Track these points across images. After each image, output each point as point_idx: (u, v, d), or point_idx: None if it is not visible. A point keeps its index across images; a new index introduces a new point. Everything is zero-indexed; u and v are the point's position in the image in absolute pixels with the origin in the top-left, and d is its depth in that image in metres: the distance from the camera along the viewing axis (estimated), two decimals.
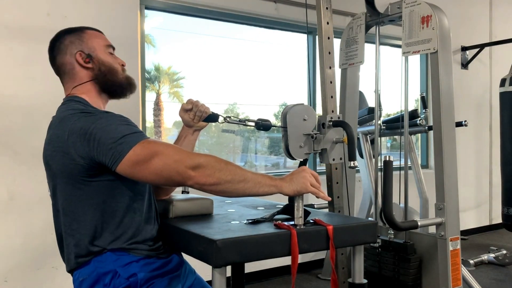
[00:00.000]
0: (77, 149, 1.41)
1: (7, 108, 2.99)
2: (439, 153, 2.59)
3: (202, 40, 4.19)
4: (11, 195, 3.00)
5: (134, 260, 1.50)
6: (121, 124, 1.43)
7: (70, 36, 1.61)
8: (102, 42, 1.65)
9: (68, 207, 1.50)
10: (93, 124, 1.41)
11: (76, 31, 1.63)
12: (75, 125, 1.43)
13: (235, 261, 1.41)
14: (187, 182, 1.40)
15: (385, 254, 2.71)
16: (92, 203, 1.47)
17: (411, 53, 2.66)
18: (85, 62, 1.59)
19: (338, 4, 4.01)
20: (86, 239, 1.48)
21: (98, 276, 1.47)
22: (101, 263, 1.48)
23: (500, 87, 4.82)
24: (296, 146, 1.95)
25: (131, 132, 1.41)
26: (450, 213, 2.58)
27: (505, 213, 4.71)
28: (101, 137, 1.39)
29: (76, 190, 1.47)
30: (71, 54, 1.59)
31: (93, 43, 1.61)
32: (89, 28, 1.66)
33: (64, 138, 1.43)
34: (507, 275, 4.17)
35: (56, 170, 1.48)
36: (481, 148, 5.87)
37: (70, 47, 1.59)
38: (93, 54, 1.60)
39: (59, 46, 1.61)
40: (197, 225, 1.60)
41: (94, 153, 1.39)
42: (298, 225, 1.55)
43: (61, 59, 1.60)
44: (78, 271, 1.51)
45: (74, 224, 1.50)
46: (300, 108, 1.97)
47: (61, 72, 1.63)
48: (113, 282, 1.46)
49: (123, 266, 1.48)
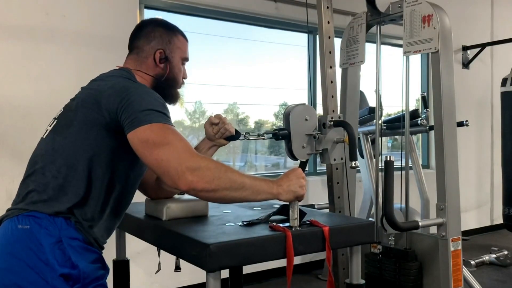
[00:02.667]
0: (108, 102, 1.44)
1: (6, 107, 2.98)
2: (440, 153, 2.57)
3: (202, 39, 4.18)
4: (10, 195, 2.98)
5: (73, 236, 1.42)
6: (157, 100, 1.47)
7: (163, 32, 1.68)
8: (184, 54, 1.73)
9: (69, 150, 1.45)
10: (133, 88, 1.48)
11: (171, 31, 1.70)
12: (118, 83, 1.49)
13: (229, 265, 1.40)
14: (179, 184, 1.35)
15: (386, 261, 2.70)
16: (94, 159, 1.45)
17: (412, 53, 2.64)
18: (159, 61, 1.66)
19: (339, 4, 3.99)
20: (67, 192, 1.42)
21: (42, 235, 1.38)
22: (52, 224, 1.39)
23: (501, 86, 4.80)
24: (299, 147, 1.94)
25: (159, 111, 1.43)
26: (451, 214, 2.57)
27: (506, 213, 4.69)
28: (134, 100, 1.42)
29: (86, 139, 1.45)
30: (153, 48, 1.66)
31: (176, 51, 1.69)
32: (182, 34, 1.74)
33: (104, 89, 1.47)
34: (508, 276, 4.15)
35: (81, 113, 1.47)
36: (482, 148, 5.85)
37: (157, 40, 1.66)
38: (170, 60, 1.68)
39: (148, 33, 1.67)
40: (191, 228, 1.59)
41: (121, 110, 1.42)
42: (294, 226, 1.54)
43: (142, 44, 1.67)
44: (22, 215, 1.41)
45: (63, 169, 1.44)
46: (302, 108, 1.96)
47: (134, 52, 1.68)
48: (57, 253, 1.37)
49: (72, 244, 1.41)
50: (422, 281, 2.66)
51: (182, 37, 1.73)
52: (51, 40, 3.12)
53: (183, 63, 1.74)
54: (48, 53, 3.11)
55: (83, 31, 3.21)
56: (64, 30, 3.17)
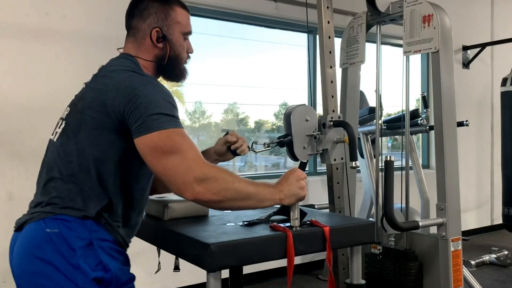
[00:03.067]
0: (114, 104, 1.36)
1: (6, 107, 2.98)
2: (440, 153, 2.57)
3: (201, 39, 4.18)
4: (10, 196, 2.99)
5: (104, 238, 1.41)
6: (165, 100, 1.38)
7: (159, 6, 1.54)
8: (184, 28, 1.58)
9: (82, 156, 1.40)
10: (141, 86, 1.37)
11: (167, 4, 1.55)
12: (123, 81, 1.39)
13: (230, 265, 1.39)
14: (186, 194, 1.33)
15: (386, 261, 2.70)
16: (107, 163, 1.40)
17: (412, 53, 2.64)
18: (157, 41, 1.53)
19: (339, 3, 3.99)
20: (88, 194, 1.39)
21: (72, 238, 1.35)
22: (81, 226, 1.37)
23: (501, 86, 4.79)
24: (300, 147, 1.94)
25: (168, 114, 1.36)
26: (451, 214, 2.57)
27: (506, 213, 4.68)
28: (141, 102, 1.34)
29: (97, 145, 1.39)
30: (149, 26, 1.53)
31: (174, 26, 1.55)
32: (181, 5, 1.59)
33: (108, 88, 1.39)
34: (508, 276, 4.15)
35: (88, 116, 1.40)
36: (483, 148, 5.85)
37: (152, 18, 1.53)
38: (169, 38, 1.54)
39: (142, 10, 1.54)
40: (192, 227, 1.59)
41: (128, 113, 1.35)
42: (294, 226, 1.54)
43: (137, 23, 1.55)
44: (48, 218, 1.38)
45: (80, 175, 1.40)
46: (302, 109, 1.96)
47: (131, 32, 1.57)
48: (87, 256, 1.36)
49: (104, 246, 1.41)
50: (422, 281, 2.66)
51: (181, 8, 1.58)
52: (51, 40, 3.12)
53: (185, 37, 1.60)
54: (48, 53, 3.11)
55: (83, 31, 3.21)
56: (64, 30, 3.16)
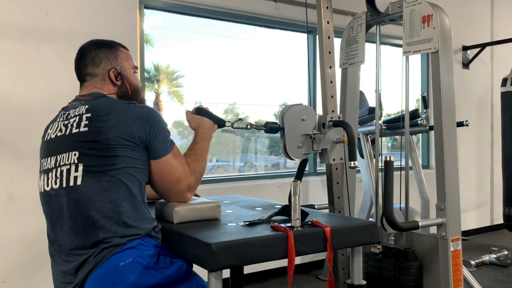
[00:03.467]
0: (139, 134, 1.55)
1: (5, 108, 2.98)
2: (440, 153, 2.57)
3: (201, 39, 4.18)
4: (10, 196, 2.99)
5: (158, 245, 1.60)
6: (165, 122, 1.67)
7: (105, 51, 1.73)
8: (132, 63, 1.80)
9: (121, 186, 1.52)
10: (150, 114, 1.61)
11: (111, 47, 1.76)
12: (134, 113, 1.58)
13: (231, 264, 1.40)
14: (172, 199, 1.68)
15: (386, 261, 2.70)
16: (130, 188, 1.55)
17: (412, 53, 2.64)
18: (116, 79, 1.72)
19: (339, 4, 3.99)
20: (134, 218, 1.54)
21: (145, 257, 1.50)
22: (143, 245, 1.53)
23: (501, 86, 4.79)
24: (293, 146, 1.94)
25: (169, 134, 1.66)
26: (451, 214, 2.57)
27: (506, 213, 4.68)
28: (159, 129, 1.60)
29: (130, 171, 1.55)
30: (104, 69, 1.71)
31: (125, 64, 1.76)
32: (121, 46, 1.81)
33: (127, 124, 1.55)
34: (508, 276, 4.15)
35: (120, 152, 1.52)
36: (483, 148, 5.85)
37: (105, 62, 1.72)
38: (124, 74, 1.75)
39: (93, 58, 1.71)
40: (193, 228, 1.59)
41: (150, 139, 1.57)
42: (295, 227, 1.54)
43: (93, 70, 1.71)
44: (115, 256, 1.48)
45: (110, 205, 1.51)
46: (298, 108, 1.96)
47: (87, 78, 1.73)
48: (160, 262, 1.53)
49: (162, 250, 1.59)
50: (422, 281, 2.66)
51: (124, 49, 1.80)
52: (51, 40, 3.12)
53: (135, 71, 1.81)
54: (48, 53, 3.11)
55: (83, 31, 3.21)
56: (64, 30, 3.16)
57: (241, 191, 3.28)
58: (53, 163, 1.58)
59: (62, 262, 1.56)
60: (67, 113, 1.65)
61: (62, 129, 1.61)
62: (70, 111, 1.64)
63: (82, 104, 1.63)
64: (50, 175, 1.58)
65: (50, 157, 1.60)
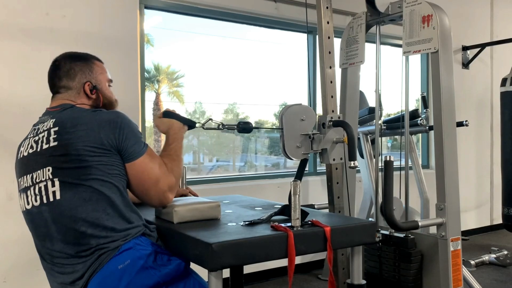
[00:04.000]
0: (109, 139, 1.53)
1: (6, 107, 2.98)
2: (440, 153, 2.58)
3: (201, 39, 4.18)
4: (10, 196, 2.99)
5: (154, 243, 1.63)
6: (134, 124, 1.64)
7: (80, 64, 1.73)
8: (106, 76, 1.80)
9: (101, 195, 1.53)
10: (118, 118, 1.58)
11: (86, 60, 1.76)
12: (101, 119, 1.56)
13: (231, 264, 1.40)
14: (153, 202, 1.66)
15: (386, 249, 2.70)
16: (116, 190, 1.56)
17: (412, 53, 2.64)
18: (91, 93, 1.72)
19: (338, 4, 3.99)
20: (121, 223, 1.55)
21: (142, 257, 1.52)
22: (139, 245, 1.54)
23: (501, 86, 4.80)
24: (292, 146, 1.94)
25: (141, 135, 1.64)
26: (451, 213, 2.57)
27: (505, 213, 4.68)
28: (129, 131, 1.57)
29: (106, 178, 1.54)
30: (79, 82, 1.71)
31: (100, 77, 1.76)
32: (96, 59, 1.81)
33: (94, 132, 1.53)
34: (508, 276, 4.15)
35: (92, 161, 1.51)
36: (482, 148, 5.85)
37: (80, 75, 1.71)
38: (99, 87, 1.75)
39: (68, 71, 1.71)
40: (193, 228, 1.59)
41: (120, 142, 1.55)
42: (295, 226, 1.54)
43: (67, 83, 1.71)
44: (113, 259, 1.50)
45: (94, 214, 1.52)
46: (297, 108, 1.96)
47: (62, 91, 1.72)
48: (158, 260, 1.55)
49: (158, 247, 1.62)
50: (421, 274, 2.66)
51: (99, 62, 1.80)
52: (52, 40, 3.13)
53: (109, 85, 1.81)
54: (48, 53, 3.10)
55: (83, 31, 3.21)
56: (64, 30, 3.17)
57: (241, 191, 3.28)
58: (30, 181, 1.59)
59: (58, 275, 1.58)
60: (36, 128, 1.66)
61: (33, 146, 1.61)
62: (39, 126, 1.65)
63: (50, 117, 1.63)
64: (29, 193, 1.59)
65: (26, 176, 1.62)
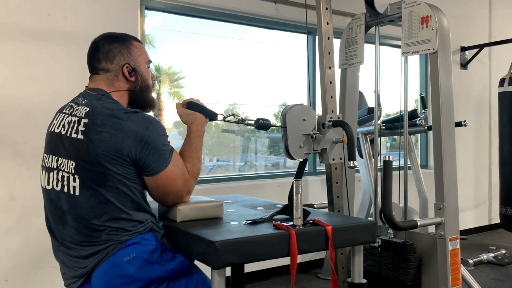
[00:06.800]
0: (130, 152, 1.52)
1: (8, 108, 3.00)
2: (439, 153, 2.59)
3: (202, 40, 4.20)
4: (12, 195, 3.01)
5: (161, 239, 1.64)
6: (165, 134, 1.62)
7: (120, 45, 1.69)
8: (146, 57, 1.76)
9: (115, 202, 1.54)
10: (147, 130, 1.55)
11: (125, 41, 1.71)
12: (129, 128, 1.53)
13: (234, 262, 1.42)
14: (169, 204, 1.71)
15: (385, 254, 2.72)
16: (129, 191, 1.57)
17: (411, 53, 2.66)
18: (130, 75, 1.69)
19: (338, 5, 4.01)
20: (133, 223, 1.57)
21: (148, 252, 1.54)
22: (146, 240, 1.56)
23: (499, 87, 4.82)
24: (295, 146, 1.96)
25: (168, 146, 1.61)
26: (450, 213, 2.59)
27: (503, 213, 4.71)
28: (153, 148, 1.55)
29: (121, 187, 1.55)
30: (118, 64, 1.68)
31: (139, 58, 1.72)
32: (135, 39, 1.76)
33: (119, 139, 1.52)
34: (506, 275, 4.17)
35: (110, 169, 1.52)
36: (481, 148, 5.87)
37: (119, 57, 1.68)
38: (138, 69, 1.71)
39: (106, 53, 1.68)
40: (197, 226, 1.61)
41: (141, 158, 1.54)
42: (297, 225, 1.56)
43: (106, 65, 1.68)
44: (120, 251, 1.53)
45: (108, 215, 1.55)
46: (299, 108, 1.97)
47: (100, 72, 1.69)
48: (163, 256, 1.57)
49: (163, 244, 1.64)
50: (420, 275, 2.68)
51: (137, 42, 1.76)
52: (53, 41, 3.14)
53: (148, 66, 1.77)
54: (49, 54, 3.13)
55: (84, 32, 3.23)
56: (65, 31, 3.18)
57: (241, 190, 3.30)
58: (55, 164, 1.61)
59: (66, 252, 1.62)
60: (73, 107, 1.65)
61: (65, 126, 1.61)
62: (74, 108, 1.64)
63: (85, 102, 1.62)
64: (52, 175, 1.61)
65: (52, 156, 1.63)
